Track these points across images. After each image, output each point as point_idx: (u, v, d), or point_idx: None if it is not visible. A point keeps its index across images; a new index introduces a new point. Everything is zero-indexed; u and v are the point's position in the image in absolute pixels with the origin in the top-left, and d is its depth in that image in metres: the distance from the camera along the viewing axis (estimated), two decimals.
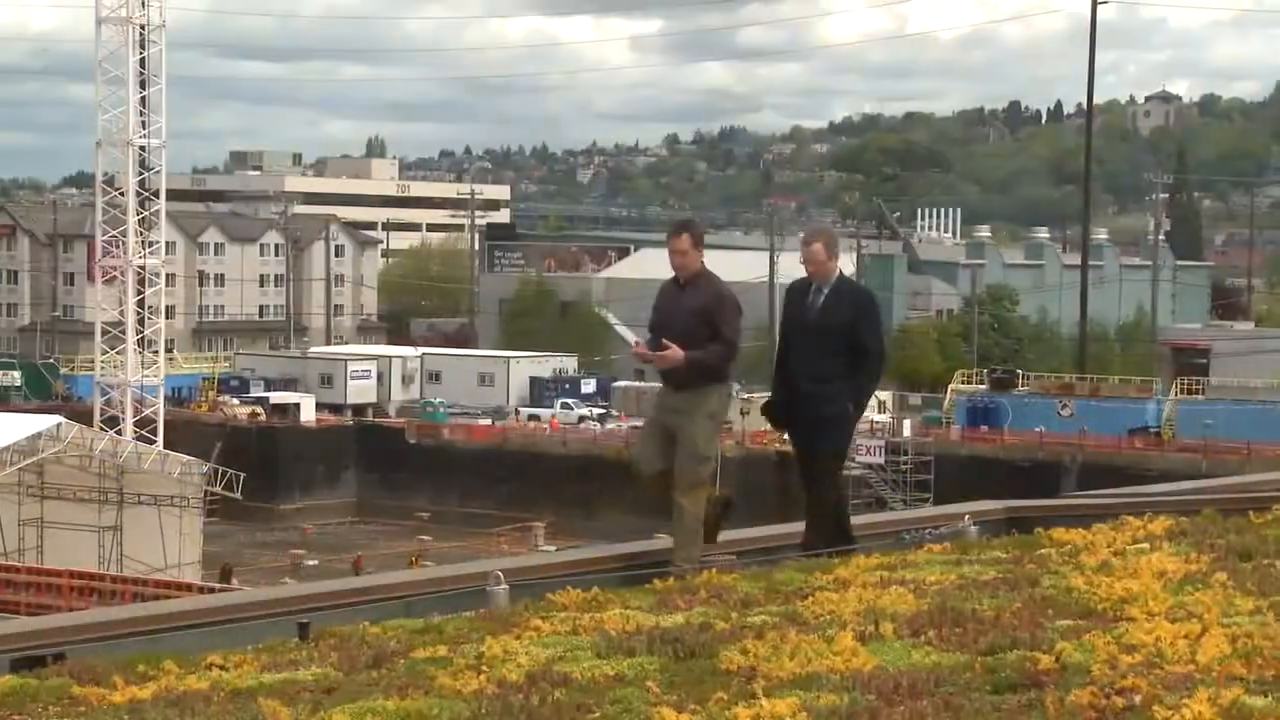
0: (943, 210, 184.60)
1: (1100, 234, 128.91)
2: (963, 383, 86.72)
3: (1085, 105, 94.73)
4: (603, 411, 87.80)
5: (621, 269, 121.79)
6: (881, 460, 70.99)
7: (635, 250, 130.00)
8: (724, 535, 11.03)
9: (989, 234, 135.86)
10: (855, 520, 10.91)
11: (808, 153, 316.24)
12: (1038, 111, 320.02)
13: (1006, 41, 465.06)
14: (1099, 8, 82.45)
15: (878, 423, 78.26)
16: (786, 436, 10.71)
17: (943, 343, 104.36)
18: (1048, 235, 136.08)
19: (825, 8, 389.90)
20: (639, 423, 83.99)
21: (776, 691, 5.66)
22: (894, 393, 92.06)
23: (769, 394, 10.69)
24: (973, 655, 6.16)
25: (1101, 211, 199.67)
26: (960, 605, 7.24)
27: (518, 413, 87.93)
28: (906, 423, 78.19)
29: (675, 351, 9.88)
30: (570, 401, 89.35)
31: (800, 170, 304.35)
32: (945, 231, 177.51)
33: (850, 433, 10.63)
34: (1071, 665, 5.90)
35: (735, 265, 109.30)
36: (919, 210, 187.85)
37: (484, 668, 6.34)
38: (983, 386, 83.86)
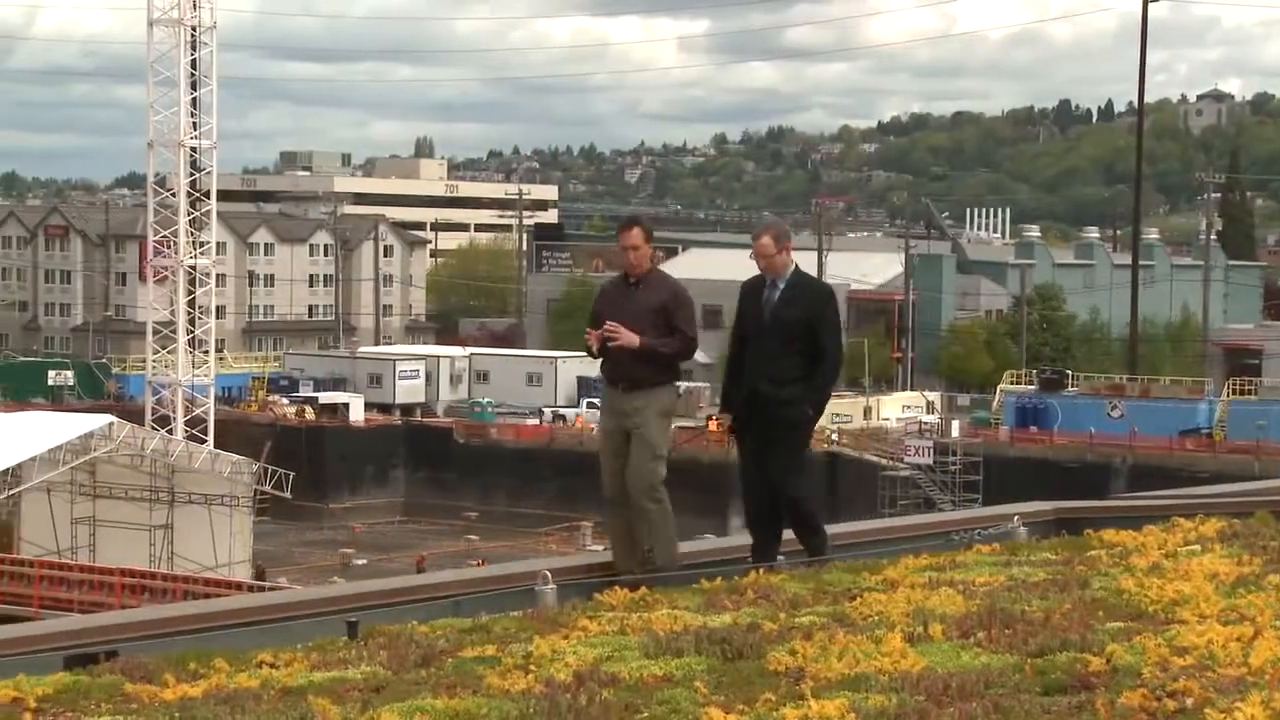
0: (992, 210, 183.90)
1: (1151, 234, 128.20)
2: (1012, 383, 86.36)
3: (1136, 104, 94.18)
4: None
5: (669, 269, 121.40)
6: (930, 461, 70.77)
7: (683, 250, 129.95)
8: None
9: (1038, 234, 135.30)
10: (904, 521, 10.87)
11: (856, 152, 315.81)
12: (1088, 111, 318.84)
13: (1056, 40, 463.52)
14: (1150, 6, 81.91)
15: (926, 423, 78.10)
16: (735, 440, 10.04)
17: (991, 343, 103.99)
18: (1098, 235, 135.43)
19: (873, 7, 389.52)
20: (687, 423, 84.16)
21: (825, 692, 5.65)
22: (942, 393, 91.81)
23: (721, 396, 10.10)
24: (1022, 657, 6.14)
25: (1153, 211, 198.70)
26: (1010, 606, 7.21)
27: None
28: (955, 423, 77.94)
29: (630, 335, 9.49)
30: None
31: (848, 170, 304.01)
32: (994, 231, 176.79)
33: (809, 436, 10.10)
34: (1122, 667, 5.87)
35: None
36: (968, 210, 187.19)
37: (532, 667, 6.36)
38: (1032, 387, 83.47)
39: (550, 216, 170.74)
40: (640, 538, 9.52)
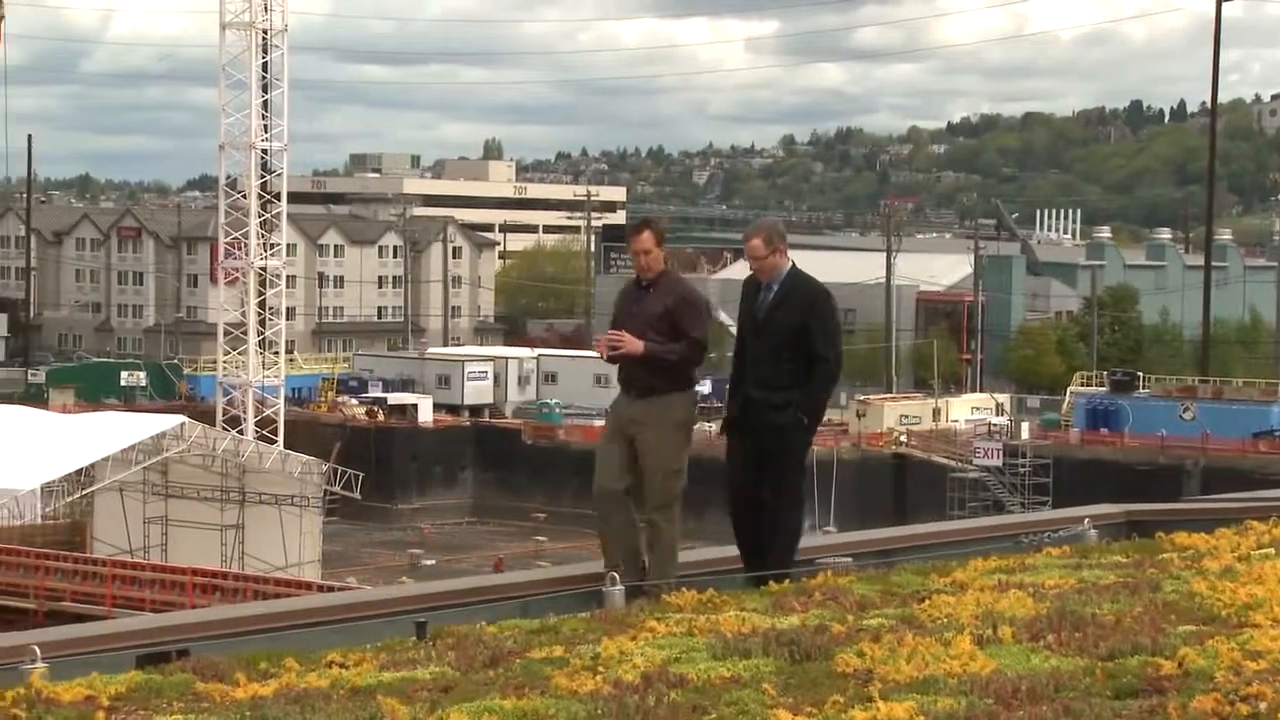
0: (1062, 211, 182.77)
1: (1224, 234, 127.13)
2: (1082, 385, 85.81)
3: (1209, 104, 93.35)
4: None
5: (737, 270, 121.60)
6: (999, 463, 70.45)
7: None
8: (843, 538, 11.02)
9: (1109, 235, 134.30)
10: (974, 524, 10.79)
11: (925, 153, 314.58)
12: (1160, 111, 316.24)
13: (1128, 40, 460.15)
14: (1224, 5, 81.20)
15: (995, 425, 77.72)
16: (727, 446, 9.68)
17: (1062, 344, 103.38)
18: (1170, 236, 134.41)
19: (943, 8, 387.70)
20: None
21: (893, 694, 5.64)
22: (1012, 395, 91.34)
23: (727, 400, 9.81)
24: (1093, 660, 6.10)
25: (1225, 212, 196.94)
26: (1080, 609, 7.17)
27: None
28: (1025, 425, 77.55)
29: (634, 342, 9.25)
30: None
31: (917, 171, 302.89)
32: (1065, 233, 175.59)
33: (806, 445, 9.59)
34: (1194, 671, 5.83)
35: (852, 267, 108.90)
36: (1038, 211, 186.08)
37: (600, 668, 6.36)
38: (1102, 389, 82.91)
39: (618, 218, 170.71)
40: (641, 546, 9.31)
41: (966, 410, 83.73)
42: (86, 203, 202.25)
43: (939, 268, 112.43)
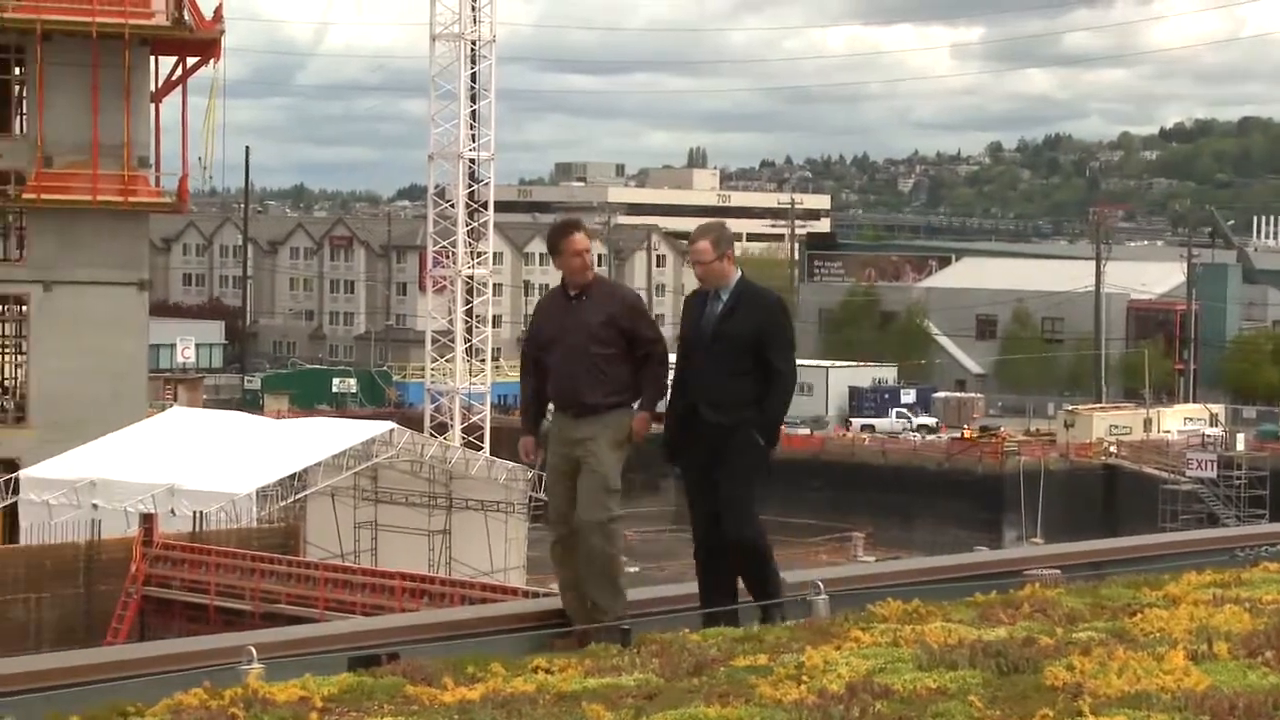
0: None
1: None
2: None
3: None
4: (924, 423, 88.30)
5: (942, 278, 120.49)
6: (1214, 475, 68.95)
7: (957, 259, 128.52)
8: (1051, 549, 10.85)
9: None
10: (1186, 536, 10.57)
11: (1136, 160, 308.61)
12: None
13: None
14: None
15: (1209, 436, 76.02)
16: (679, 469, 9.05)
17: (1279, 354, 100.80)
18: None
19: (1156, 11, 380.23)
20: (959, 433, 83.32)
21: (1104, 709, 5.54)
22: (1227, 406, 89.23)
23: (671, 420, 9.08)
24: None
25: None
26: None
27: (849, 424, 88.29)
28: (1240, 436, 75.76)
29: (643, 421, 8.81)
30: (904, 410, 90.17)
31: (1128, 177, 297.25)
32: None
33: (764, 468, 8.86)
34: None
35: (1060, 275, 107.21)
36: (1255, 218, 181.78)
37: (804, 677, 6.34)
38: None
39: (823, 226, 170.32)
40: (584, 583, 8.57)
41: (1179, 421, 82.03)
42: (301, 212, 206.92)
43: (1151, 276, 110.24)
